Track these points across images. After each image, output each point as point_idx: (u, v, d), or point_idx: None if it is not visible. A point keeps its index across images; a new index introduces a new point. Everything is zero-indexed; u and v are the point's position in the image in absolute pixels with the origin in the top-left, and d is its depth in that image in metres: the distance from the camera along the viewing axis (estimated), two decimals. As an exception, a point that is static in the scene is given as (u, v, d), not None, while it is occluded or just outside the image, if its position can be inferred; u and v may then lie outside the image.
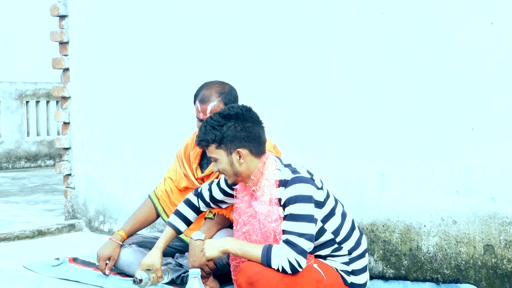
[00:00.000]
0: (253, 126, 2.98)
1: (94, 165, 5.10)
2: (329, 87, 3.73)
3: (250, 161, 2.98)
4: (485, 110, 3.26)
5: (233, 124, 2.95)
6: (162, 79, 4.60)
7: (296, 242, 2.83)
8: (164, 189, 3.77)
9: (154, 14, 4.64)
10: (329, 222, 3.00)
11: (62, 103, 5.31)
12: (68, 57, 5.23)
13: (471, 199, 3.31)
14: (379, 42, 3.57)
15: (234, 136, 2.94)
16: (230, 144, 2.95)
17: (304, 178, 2.92)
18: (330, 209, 3.02)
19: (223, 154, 2.98)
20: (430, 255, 3.45)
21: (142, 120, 4.76)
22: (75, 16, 5.18)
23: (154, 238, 3.75)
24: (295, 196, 2.88)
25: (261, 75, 4.01)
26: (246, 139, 2.96)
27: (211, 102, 3.47)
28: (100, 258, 3.58)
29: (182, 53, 4.46)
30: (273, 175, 2.96)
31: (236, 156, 2.97)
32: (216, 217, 3.44)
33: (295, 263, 2.82)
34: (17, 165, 9.69)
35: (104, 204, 5.05)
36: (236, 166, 2.98)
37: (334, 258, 3.04)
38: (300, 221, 2.85)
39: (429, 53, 3.41)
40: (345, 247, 3.04)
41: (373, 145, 3.61)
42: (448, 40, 3.35)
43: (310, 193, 2.90)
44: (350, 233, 3.06)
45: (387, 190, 3.58)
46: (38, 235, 4.91)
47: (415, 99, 3.47)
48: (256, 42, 4.06)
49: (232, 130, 2.94)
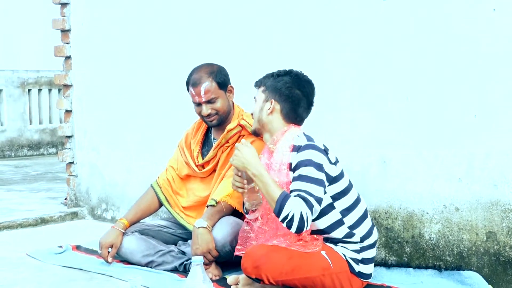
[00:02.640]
0: (300, 94, 3.09)
1: (97, 153, 5.11)
2: (330, 73, 3.72)
3: (276, 119, 3.10)
4: (487, 96, 3.25)
5: (286, 80, 3.09)
6: (165, 67, 4.59)
7: (308, 198, 2.85)
8: (166, 177, 3.78)
9: (158, 3, 4.62)
10: (339, 201, 3.03)
11: (64, 91, 5.31)
12: (70, 45, 5.22)
13: (473, 186, 3.31)
14: (381, 28, 3.56)
15: (278, 89, 3.08)
16: (271, 93, 3.09)
17: (317, 146, 2.99)
18: (343, 188, 3.05)
19: (262, 97, 3.12)
20: (433, 242, 3.45)
21: (144, 108, 4.76)
22: (76, 4, 5.17)
23: (156, 226, 3.76)
24: (306, 160, 2.93)
25: (260, 59, 4.00)
26: (285, 97, 3.08)
27: (203, 83, 3.51)
28: (103, 246, 3.59)
29: (186, 41, 4.45)
30: (291, 140, 3.04)
31: (268, 104, 3.08)
32: (218, 205, 3.44)
33: (306, 217, 2.82)
34: (19, 153, 9.70)
35: (106, 192, 5.05)
36: (263, 113, 3.10)
37: (346, 244, 3.05)
38: (310, 182, 2.89)
39: (431, 40, 3.40)
40: (357, 233, 3.05)
41: (375, 132, 3.60)
42: (450, 26, 3.33)
43: (321, 161, 2.95)
44: (361, 220, 3.07)
45: (389, 177, 3.57)
46: (41, 223, 4.92)
47: (418, 86, 3.46)
48: (256, 37, 4.05)
49: (282, 83, 3.08)
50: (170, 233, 3.75)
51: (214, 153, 3.62)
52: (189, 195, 3.73)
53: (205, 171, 3.67)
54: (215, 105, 3.53)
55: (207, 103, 3.52)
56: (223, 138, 3.58)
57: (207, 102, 3.52)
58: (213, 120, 3.56)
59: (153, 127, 4.70)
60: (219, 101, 3.54)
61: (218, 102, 3.54)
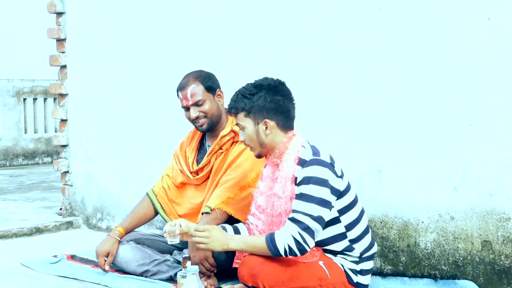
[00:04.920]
0: (284, 100, 3.03)
1: (92, 162, 5.10)
2: (327, 83, 3.73)
3: (275, 134, 3.03)
4: (482, 105, 3.26)
5: (263, 94, 3.00)
6: (160, 76, 4.59)
7: (301, 219, 2.83)
8: (162, 186, 3.78)
9: (153, 11, 4.63)
10: (346, 215, 3.01)
11: (60, 100, 5.31)
12: (65, 54, 5.22)
13: (468, 195, 3.31)
14: (375, 38, 3.57)
15: (263, 107, 2.99)
16: (258, 114, 3.00)
17: (322, 161, 2.92)
18: (350, 202, 3.02)
19: (250, 123, 3.02)
20: (428, 251, 3.45)
21: (140, 117, 4.76)
22: (72, 13, 5.17)
23: (152, 235, 3.76)
24: (309, 177, 2.88)
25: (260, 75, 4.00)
26: (275, 111, 3.00)
27: (189, 86, 3.55)
28: (99, 254, 3.58)
29: (181, 50, 4.46)
30: (296, 152, 2.98)
31: (262, 126, 3.01)
32: (213, 212, 3.44)
33: (300, 238, 2.80)
34: (14, 162, 9.68)
35: (102, 201, 5.04)
36: (262, 136, 3.02)
37: (345, 256, 3.04)
38: (309, 202, 2.85)
39: (426, 49, 3.41)
40: (357, 248, 3.04)
41: (370, 142, 3.61)
42: (445, 36, 3.35)
43: (326, 177, 2.89)
44: (363, 235, 3.06)
45: (384, 186, 3.58)
46: (36, 232, 4.91)
47: (413, 95, 3.47)
48: (256, 42, 4.05)
49: (262, 100, 2.99)
50: (166, 242, 3.73)
51: (208, 160, 3.62)
52: (184, 202, 3.74)
53: (199, 177, 3.67)
54: (202, 108, 3.54)
55: (194, 106, 3.54)
56: (217, 145, 3.59)
57: (194, 104, 3.54)
58: (202, 124, 3.57)
59: (148, 137, 4.70)
60: (207, 104, 3.55)
61: (206, 105, 3.55)
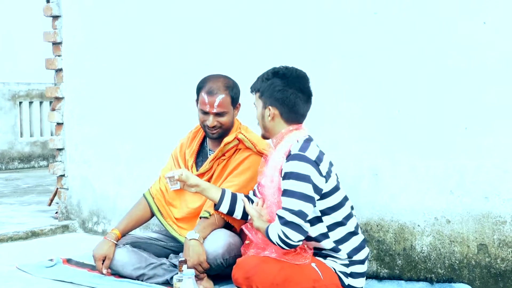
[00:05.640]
0: (293, 93, 3.07)
1: (88, 166, 5.09)
2: (322, 86, 3.72)
3: (278, 123, 3.10)
4: (478, 109, 3.27)
5: (276, 82, 3.08)
6: (155, 78, 4.59)
7: (281, 214, 2.91)
8: (159, 188, 3.76)
9: (149, 15, 4.63)
10: (328, 216, 3.03)
11: (55, 103, 5.30)
12: (62, 57, 5.21)
13: (464, 198, 3.32)
14: (372, 41, 3.57)
15: (271, 94, 3.08)
16: (267, 99, 3.10)
17: (305, 157, 2.96)
18: (334, 204, 3.05)
19: (261, 104, 3.14)
20: (424, 254, 3.45)
21: (135, 120, 4.75)
22: (68, 17, 5.17)
23: (148, 238, 3.75)
24: (290, 172, 2.94)
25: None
26: (280, 101, 3.07)
27: (220, 95, 3.48)
28: (96, 258, 3.57)
29: (177, 52, 4.46)
30: (289, 145, 3.04)
31: (267, 111, 3.09)
32: (212, 217, 3.44)
33: (282, 234, 2.88)
34: (10, 166, 9.66)
35: (98, 205, 5.04)
36: (266, 120, 3.12)
37: (334, 258, 3.05)
38: (290, 197, 2.91)
39: (422, 53, 3.42)
40: (343, 249, 3.04)
41: (367, 145, 3.61)
42: (441, 39, 3.35)
43: (307, 172, 2.93)
44: (348, 237, 3.07)
45: (381, 190, 3.58)
46: (32, 236, 4.90)
47: (409, 99, 3.47)
48: (255, 43, 4.06)
49: (272, 88, 3.08)
50: (162, 246, 3.74)
51: (210, 166, 3.60)
52: (182, 206, 3.72)
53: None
54: (221, 119, 3.51)
55: (215, 115, 3.50)
56: (220, 151, 3.57)
57: (216, 114, 3.50)
58: (215, 133, 3.54)
59: (144, 140, 4.69)
60: (227, 116, 3.52)
61: (226, 117, 3.51)
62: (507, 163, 3.20)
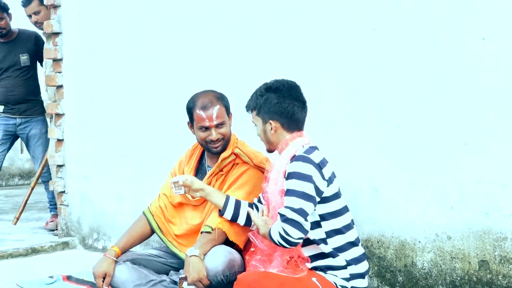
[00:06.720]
0: (290, 103, 3.14)
1: (88, 182, 5.09)
2: (322, 101, 3.74)
3: (280, 134, 3.17)
4: (478, 125, 3.27)
5: (271, 96, 3.15)
6: (156, 95, 4.60)
7: (282, 212, 2.95)
8: (159, 205, 3.75)
9: (149, 32, 4.65)
10: (328, 221, 3.06)
11: (56, 120, 5.31)
12: (62, 74, 5.23)
13: (465, 214, 3.31)
14: (371, 56, 3.58)
15: (268, 108, 3.15)
16: (266, 114, 3.17)
17: (308, 158, 3.03)
18: (335, 210, 3.08)
19: (260, 121, 3.20)
20: (425, 271, 3.44)
21: (135, 136, 4.76)
22: (68, 34, 5.19)
23: (148, 255, 3.74)
24: (292, 172, 3.00)
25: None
26: (278, 113, 3.14)
27: (215, 106, 3.50)
28: (96, 276, 3.56)
29: (176, 70, 4.47)
30: (295, 150, 3.09)
31: (268, 126, 3.16)
32: (212, 232, 3.42)
33: (282, 231, 2.91)
34: (10, 182, 9.66)
35: (98, 221, 5.03)
36: (268, 134, 3.19)
37: (335, 271, 3.05)
38: (291, 196, 2.96)
39: (422, 68, 3.43)
40: (342, 256, 3.05)
41: (366, 160, 3.61)
42: (441, 55, 3.36)
43: (309, 172, 2.99)
44: (348, 246, 3.09)
45: (381, 206, 3.58)
46: (32, 253, 4.89)
47: (409, 114, 3.48)
48: (254, 54, 4.07)
49: (268, 103, 3.15)
50: (162, 263, 3.73)
51: (208, 182, 3.60)
52: (181, 223, 3.71)
53: (198, 199, 3.65)
54: (221, 130, 3.52)
55: (216, 127, 3.50)
56: (217, 167, 3.57)
57: (217, 126, 3.50)
58: (218, 146, 3.54)
59: (144, 156, 4.70)
60: (225, 127, 3.54)
61: (224, 127, 3.53)
62: (507, 178, 3.20)
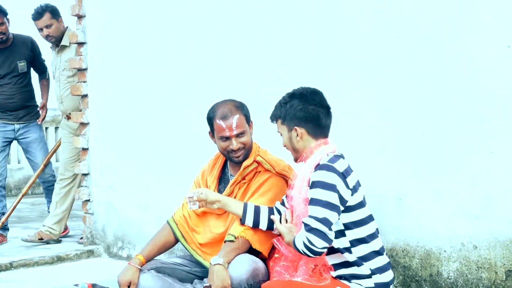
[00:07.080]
0: (314, 108, 3.15)
1: (112, 191, 5.12)
2: (345, 111, 3.73)
3: (306, 140, 3.17)
4: (504, 132, 3.24)
5: (295, 103, 3.16)
6: (181, 105, 4.62)
7: (307, 222, 2.95)
8: (183, 214, 3.76)
9: (173, 42, 4.67)
10: (352, 231, 3.05)
11: (81, 129, 5.35)
12: (87, 83, 5.27)
13: (491, 223, 3.28)
14: (396, 64, 3.57)
15: (294, 115, 3.16)
16: (291, 121, 3.18)
17: (332, 167, 3.02)
18: (359, 219, 3.07)
19: (285, 129, 3.21)
20: (451, 280, 3.41)
21: (160, 145, 4.78)
22: (93, 43, 5.23)
23: (173, 263, 3.74)
24: (316, 181, 3.00)
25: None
26: (304, 119, 3.15)
27: (235, 115, 3.50)
28: (121, 284, 3.57)
29: (201, 82, 4.48)
30: (319, 158, 3.09)
31: (294, 133, 3.17)
32: (236, 241, 3.42)
33: (307, 241, 2.92)
34: (36, 191, 9.73)
35: (122, 230, 5.05)
36: (294, 142, 3.19)
37: (359, 280, 3.04)
38: (315, 205, 2.97)
39: (447, 76, 3.40)
40: (366, 265, 3.04)
41: (391, 169, 3.59)
42: (467, 62, 3.33)
43: (333, 182, 2.99)
44: (372, 256, 3.07)
45: (405, 215, 3.55)
46: (57, 261, 4.93)
47: (433, 123, 3.46)
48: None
49: (293, 109, 3.16)
50: (186, 271, 3.73)
51: (231, 190, 3.60)
52: (205, 232, 3.71)
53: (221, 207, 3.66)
54: (242, 139, 3.52)
55: (236, 137, 3.50)
56: (240, 175, 3.58)
57: (237, 135, 3.50)
58: (240, 155, 3.54)
59: (168, 165, 4.71)
60: (246, 135, 3.53)
61: (245, 136, 3.53)
62: (534, 187, 3.16)
